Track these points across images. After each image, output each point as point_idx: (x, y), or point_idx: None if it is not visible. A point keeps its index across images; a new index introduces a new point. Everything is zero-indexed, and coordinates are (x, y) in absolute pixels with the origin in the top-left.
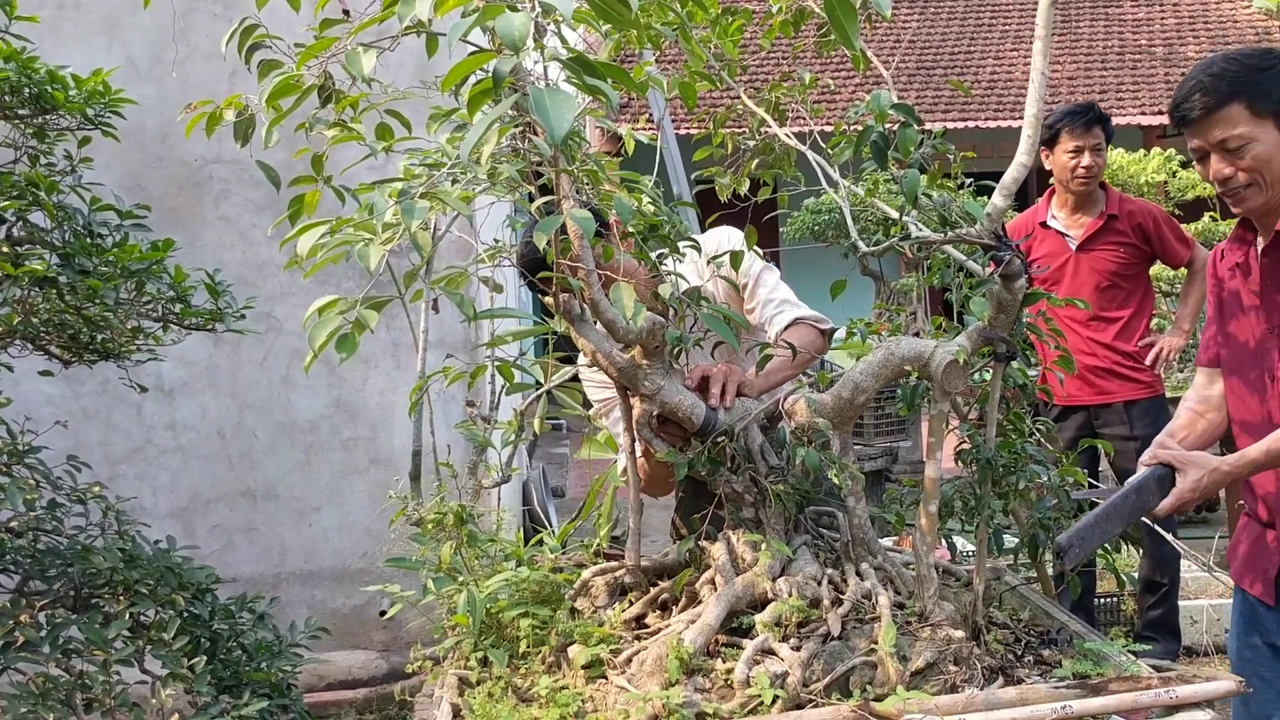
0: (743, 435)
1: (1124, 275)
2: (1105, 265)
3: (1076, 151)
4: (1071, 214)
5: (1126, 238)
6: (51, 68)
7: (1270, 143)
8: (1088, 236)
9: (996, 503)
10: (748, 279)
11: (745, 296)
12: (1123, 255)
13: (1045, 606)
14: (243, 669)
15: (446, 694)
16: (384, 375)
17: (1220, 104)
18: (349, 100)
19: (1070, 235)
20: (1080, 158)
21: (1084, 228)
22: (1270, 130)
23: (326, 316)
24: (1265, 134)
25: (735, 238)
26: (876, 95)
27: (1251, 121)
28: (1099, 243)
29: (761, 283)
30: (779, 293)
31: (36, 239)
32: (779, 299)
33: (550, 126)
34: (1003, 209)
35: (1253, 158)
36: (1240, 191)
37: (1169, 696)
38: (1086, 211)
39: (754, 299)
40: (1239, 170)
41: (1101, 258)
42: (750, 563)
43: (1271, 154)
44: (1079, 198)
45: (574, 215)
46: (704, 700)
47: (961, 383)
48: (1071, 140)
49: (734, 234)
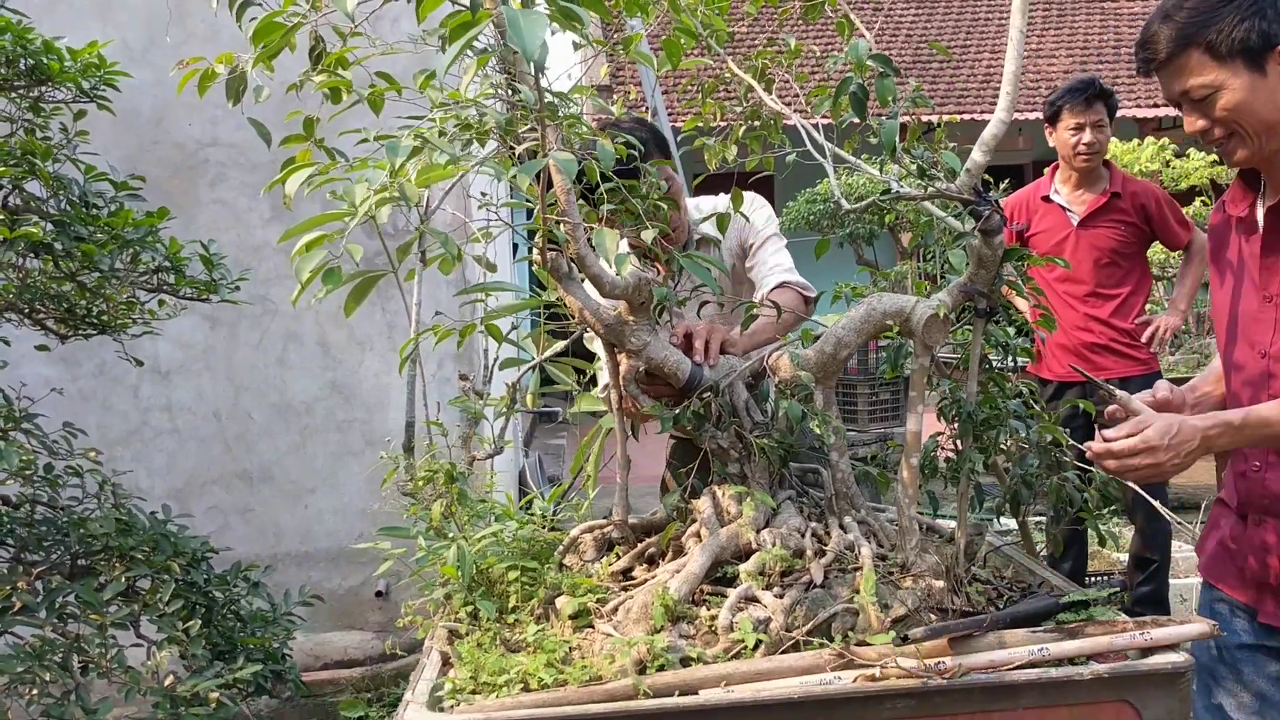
0: (728, 391)
1: (1123, 253)
2: (1105, 242)
3: (1078, 128)
4: (1074, 190)
5: (1128, 216)
6: (47, 39)
7: (1240, 87)
8: (1090, 213)
9: (977, 456)
10: (756, 239)
11: (749, 253)
12: (1123, 234)
13: (1027, 563)
14: (237, 635)
15: (436, 644)
16: (379, 357)
17: (1176, 51)
18: (338, 54)
19: (1072, 211)
20: (1082, 134)
21: (1086, 204)
22: (1239, 73)
23: (313, 252)
24: (1233, 78)
25: (758, 201)
26: (854, 45)
27: (1213, 67)
28: (1100, 220)
29: (767, 246)
30: (778, 258)
31: (33, 207)
32: (775, 264)
33: (523, 44)
34: (982, 164)
35: (1222, 107)
36: (1223, 145)
37: (1143, 639)
38: (1089, 188)
39: (755, 258)
40: (1213, 123)
41: (1102, 234)
42: (735, 515)
43: (1244, 99)
44: (1082, 174)
45: (557, 158)
46: (688, 645)
47: (942, 337)
48: (1073, 117)
49: (757, 199)
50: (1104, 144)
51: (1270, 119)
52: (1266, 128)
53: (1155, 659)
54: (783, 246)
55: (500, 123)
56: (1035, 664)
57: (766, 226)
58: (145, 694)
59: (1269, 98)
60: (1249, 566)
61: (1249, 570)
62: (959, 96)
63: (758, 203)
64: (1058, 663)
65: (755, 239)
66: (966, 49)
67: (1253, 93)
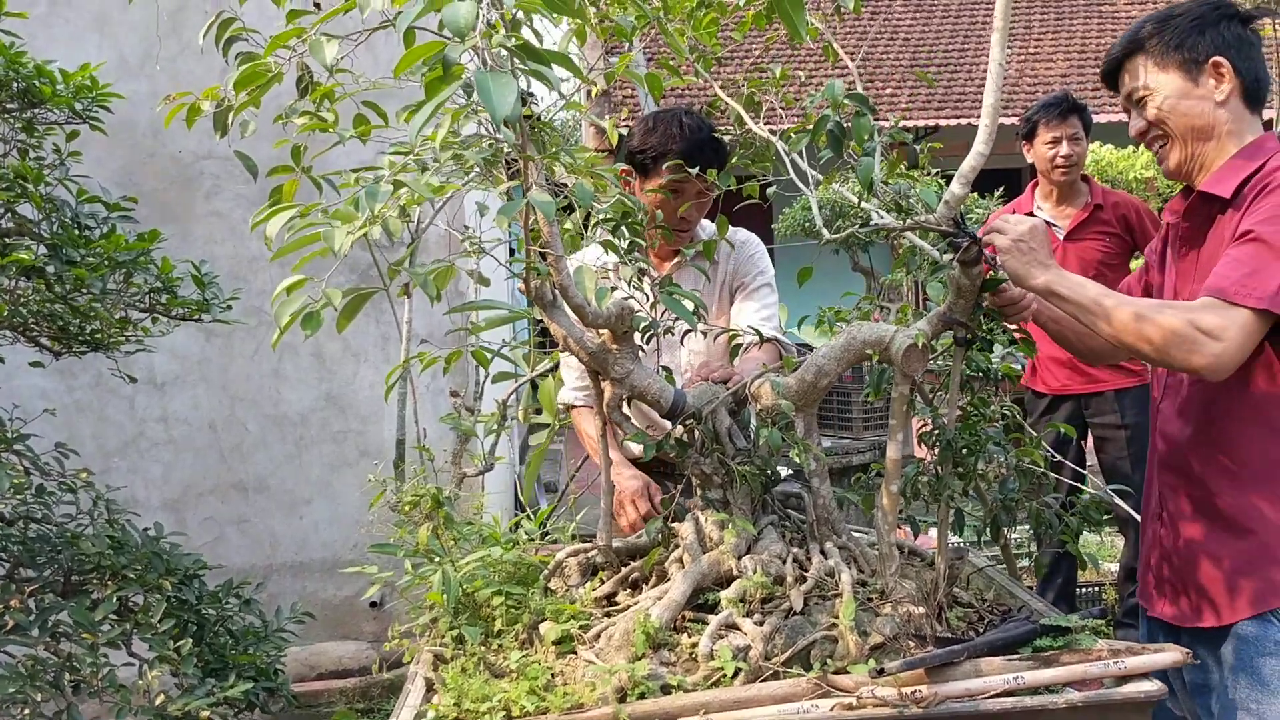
0: (711, 418)
1: (1109, 264)
2: (1092, 255)
3: (1054, 142)
4: (1056, 205)
5: (1111, 228)
6: (39, 62)
7: (1172, 93)
8: (1075, 226)
9: (957, 483)
10: (751, 282)
11: (741, 293)
12: (1108, 245)
13: (1009, 587)
14: (229, 653)
15: (421, 669)
16: (373, 369)
17: (1126, 56)
18: (324, 90)
19: (1058, 225)
20: (1058, 147)
21: (1071, 218)
22: (1174, 80)
23: (293, 295)
24: (1167, 84)
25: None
26: (830, 85)
27: (1153, 71)
28: (1086, 232)
29: (761, 295)
30: (769, 310)
31: (25, 230)
32: (767, 315)
33: (492, 108)
34: (960, 196)
35: (1155, 108)
36: (1158, 150)
37: (1117, 667)
38: (1071, 202)
39: (748, 302)
40: (1149, 124)
41: (1089, 247)
42: (717, 541)
43: (1174, 103)
44: (1062, 188)
45: (535, 199)
46: (669, 673)
47: (921, 365)
48: (1049, 131)
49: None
50: (1081, 156)
51: (1196, 124)
52: (1193, 132)
53: (1129, 687)
54: (774, 299)
55: (480, 161)
56: (1011, 692)
57: (765, 272)
58: (137, 713)
59: (1197, 105)
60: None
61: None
62: (956, 101)
63: (755, 243)
64: (1033, 691)
65: (750, 280)
66: (964, 54)
67: (1183, 99)
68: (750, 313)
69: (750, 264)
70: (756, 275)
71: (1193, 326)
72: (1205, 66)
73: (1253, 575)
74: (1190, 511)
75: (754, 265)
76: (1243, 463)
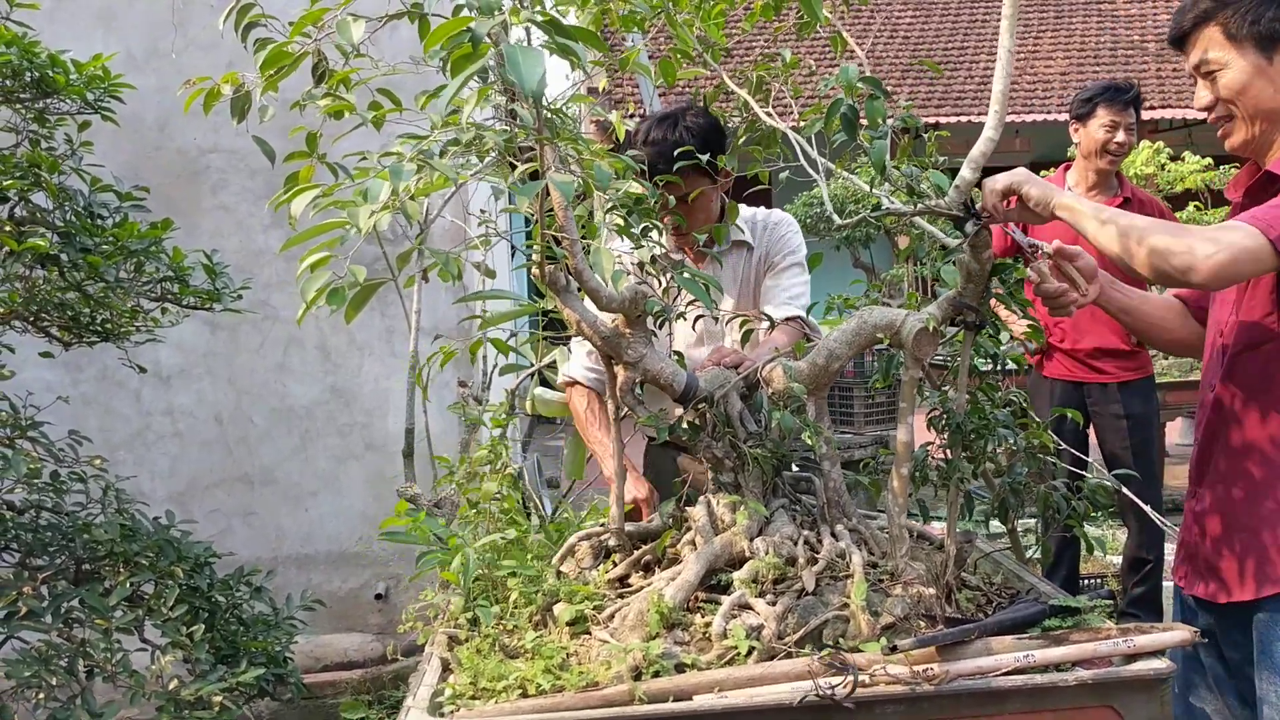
0: (723, 402)
1: None
2: None
3: (1113, 126)
4: (1088, 192)
5: None
6: (53, 52)
7: (1243, 69)
8: None
9: (966, 466)
10: (782, 261)
11: (771, 272)
12: None
13: (1017, 570)
14: (240, 640)
15: (436, 650)
16: (379, 361)
17: (1196, 25)
18: (341, 75)
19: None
20: (1115, 133)
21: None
22: (1248, 55)
23: (317, 273)
24: (1239, 59)
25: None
26: (845, 69)
27: (1225, 45)
28: None
29: (789, 272)
30: (795, 289)
31: (38, 219)
32: (793, 294)
33: (522, 80)
34: (971, 181)
35: (1224, 85)
36: (1222, 124)
37: (1127, 645)
38: (1103, 192)
39: (775, 278)
40: (1216, 98)
41: None
42: (729, 524)
43: (1245, 82)
44: (1101, 175)
45: (555, 180)
46: (683, 652)
47: (932, 349)
48: (1109, 115)
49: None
50: (1130, 147)
51: (1266, 105)
52: (1261, 113)
53: (1138, 665)
54: (805, 277)
55: (499, 143)
56: (1021, 670)
57: (796, 252)
58: (149, 698)
59: (1269, 85)
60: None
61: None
62: (956, 99)
63: (790, 223)
64: (1044, 669)
65: (780, 259)
66: (964, 51)
67: (1255, 76)
68: (777, 292)
69: (782, 244)
70: (787, 255)
71: (1206, 237)
72: None
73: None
74: (1226, 487)
75: (785, 245)
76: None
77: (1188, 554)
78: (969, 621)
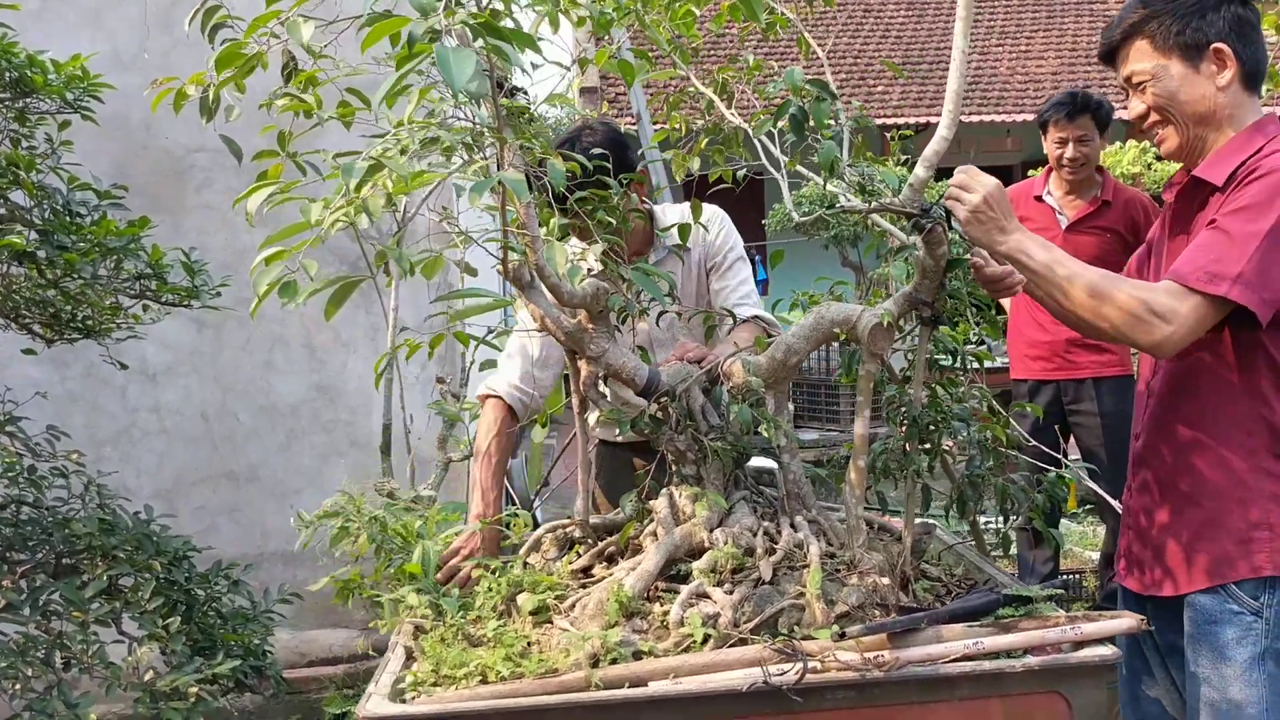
0: (684, 396)
1: (1105, 261)
2: (1089, 250)
3: (1061, 142)
4: (1065, 194)
5: (1115, 225)
6: (31, 52)
7: (1174, 77)
8: (1079, 218)
9: (923, 459)
10: (722, 261)
11: (716, 272)
12: (1108, 242)
13: (977, 562)
14: (217, 632)
15: (401, 639)
16: (363, 359)
17: (1125, 39)
18: (307, 75)
19: (1063, 214)
20: (1065, 149)
21: (1076, 209)
22: (1175, 64)
23: (271, 266)
24: (1169, 68)
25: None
26: (790, 71)
27: (1153, 56)
28: (1087, 226)
29: (734, 271)
30: (744, 287)
31: (16, 217)
32: (743, 293)
33: (451, 80)
34: (924, 179)
35: (1154, 94)
36: (1156, 132)
37: (1074, 633)
38: (1081, 194)
39: (722, 280)
40: (1149, 108)
41: (1088, 242)
42: (690, 515)
43: (1174, 89)
44: (1071, 184)
45: (506, 178)
46: (641, 640)
47: (887, 344)
48: (1057, 131)
49: (719, 213)
50: (1091, 156)
51: (1197, 110)
52: (1193, 118)
53: (1085, 652)
54: (748, 272)
55: (458, 141)
56: (970, 657)
57: (733, 248)
58: (126, 689)
59: (1197, 91)
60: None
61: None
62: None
63: (721, 219)
64: (993, 656)
65: (721, 259)
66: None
67: (1183, 84)
68: (728, 293)
69: (719, 242)
70: (728, 252)
71: (1146, 307)
72: (1207, 53)
73: (1207, 547)
74: (1156, 485)
75: (725, 242)
76: (1199, 440)
77: (1126, 546)
78: (922, 610)
